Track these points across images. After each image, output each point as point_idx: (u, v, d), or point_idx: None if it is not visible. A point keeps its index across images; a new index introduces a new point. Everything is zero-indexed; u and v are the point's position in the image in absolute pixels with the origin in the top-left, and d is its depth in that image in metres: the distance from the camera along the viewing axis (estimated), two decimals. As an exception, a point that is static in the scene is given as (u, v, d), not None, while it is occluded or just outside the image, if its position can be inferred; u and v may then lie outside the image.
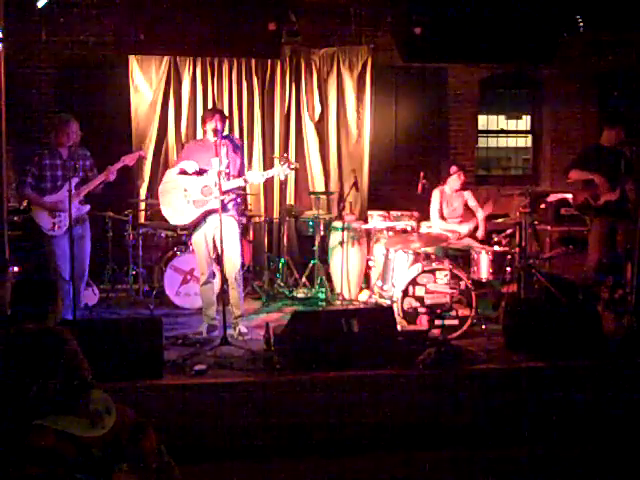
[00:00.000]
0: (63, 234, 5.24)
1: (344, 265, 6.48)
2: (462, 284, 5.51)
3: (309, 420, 4.26)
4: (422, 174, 6.39)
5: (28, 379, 1.74)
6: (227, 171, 5.23)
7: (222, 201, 5.21)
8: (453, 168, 6.59)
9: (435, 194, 6.56)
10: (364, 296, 6.69)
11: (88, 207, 5.46)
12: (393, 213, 6.94)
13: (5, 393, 1.74)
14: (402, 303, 5.45)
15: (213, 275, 5.56)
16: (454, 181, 6.55)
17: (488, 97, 8.84)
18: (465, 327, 5.49)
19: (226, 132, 5.57)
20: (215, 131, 5.22)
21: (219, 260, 5.43)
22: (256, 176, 5.53)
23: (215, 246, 5.39)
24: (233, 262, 5.36)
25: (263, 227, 7.56)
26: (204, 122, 5.41)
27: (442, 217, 6.57)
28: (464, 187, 6.64)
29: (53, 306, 3.19)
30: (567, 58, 7.88)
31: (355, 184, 6.80)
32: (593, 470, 4.01)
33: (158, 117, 7.51)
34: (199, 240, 5.45)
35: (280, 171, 5.41)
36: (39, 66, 7.59)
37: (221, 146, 5.17)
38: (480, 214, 6.58)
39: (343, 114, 7.84)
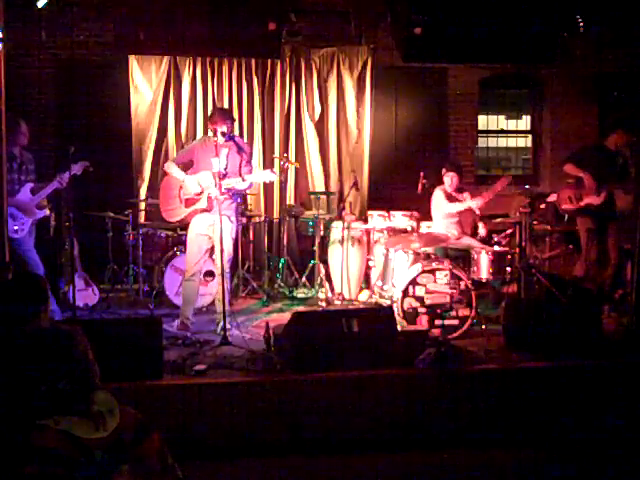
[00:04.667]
0: (25, 236, 5.28)
1: (344, 265, 6.48)
2: (462, 284, 5.51)
3: (309, 420, 4.26)
4: (422, 174, 6.39)
5: (38, 378, 1.74)
6: (224, 172, 5.20)
7: (213, 201, 5.28)
8: (443, 170, 6.60)
9: (438, 191, 6.55)
10: (364, 296, 6.68)
11: (45, 212, 5.47)
12: (393, 213, 6.95)
13: (14, 391, 1.74)
14: (402, 303, 5.45)
15: (199, 275, 5.60)
16: (447, 182, 6.54)
17: (488, 97, 8.84)
18: (465, 327, 5.48)
19: (236, 133, 5.59)
20: (223, 134, 5.28)
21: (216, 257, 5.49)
22: (233, 183, 5.33)
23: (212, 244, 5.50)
24: (224, 260, 5.28)
25: (263, 227, 7.56)
26: (216, 122, 5.36)
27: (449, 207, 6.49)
28: (459, 189, 6.61)
29: (45, 304, 3.19)
30: (567, 58, 7.88)
31: (355, 184, 6.80)
32: (593, 470, 4.01)
33: (158, 117, 7.51)
34: (190, 238, 5.53)
35: (262, 177, 5.44)
36: (39, 66, 7.58)
37: (223, 147, 5.19)
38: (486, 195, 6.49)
39: (343, 114, 7.84)
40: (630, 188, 6.18)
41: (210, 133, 5.51)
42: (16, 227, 5.25)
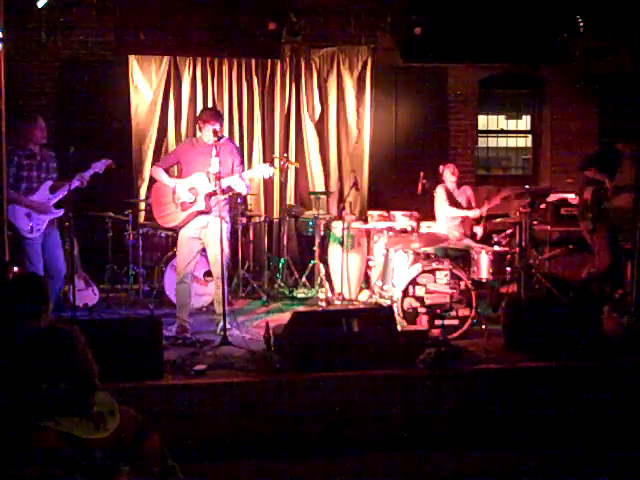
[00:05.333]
0: (38, 237, 5.23)
1: (344, 265, 6.48)
2: (462, 284, 5.51)
3: (309, 420, 4.26)
4: (422, 174, 6.40)
5: (38, 378, 1.74)
6: (216, 173, 5.14)
7: (211, 202, 5.28)
8: (441, 167, 6.63)
9: (439, 189, 6.57)
10: (364, 296, 6.68)
11: (62, 210, 5.43)
12: (393, 213, 6.94)
13: (14, 391, 1.75)
14: (402, 303, 5.45)
15: (190, 277, 5.54)
16: (449, 177, 6.58)
17: (488, 97, 8.83)
18: (465, 327, 5.48)
19: (236, 133, 5.59)
20: (215, 132, 5.23)
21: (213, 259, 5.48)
22: (231, 182, 5.30)
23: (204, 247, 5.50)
24: (217, 261, 5.29)
25: (263, 227, 7.56)
26: (207, 121, 5.31)
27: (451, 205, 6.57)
28: (461, 183, 6.66)
29: (46, 304, 3.19)
30: (567, 58, 7.88)
31: (355, 184, 6.80)
32: (593, 470, 4.01)
33: (158, 117, 7.51)
34: (181, 241, 5.48)
35: (261, 171, 5.43)
36: (39, 66, 7.59)
37: (215, 147, 5.18)
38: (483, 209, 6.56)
39: (343, 114, 7.85)
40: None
41: (198, 134, 5.50)
42: (31, 225, 5.18)
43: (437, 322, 5.44)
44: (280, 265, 7.16)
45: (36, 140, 5.21)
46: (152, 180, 6.10)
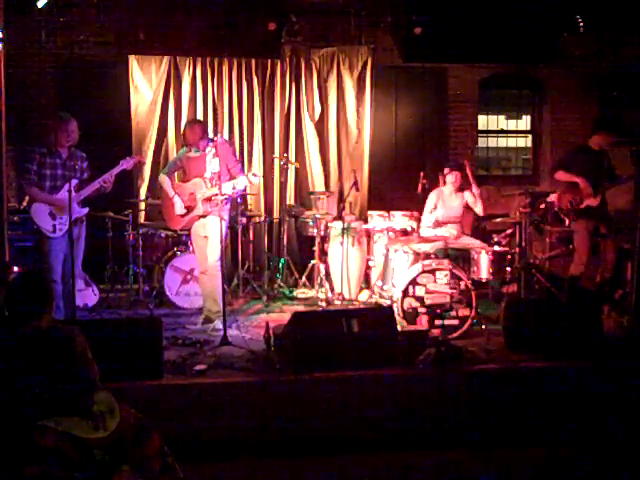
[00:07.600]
0: (60, 237, 5.22)
1: (344, 265, 6.48)
2: (462, 284, 5.51)
3: (309, 420, 4.26)
4: (422, 174, 6.39)
5: (39, 378, 1.75)
6: (213, 176, 5.41)
7: (207, 205, 5.54)
8: (445, 170, 6.62)
9: (431, 196, 6.58)
10: (364, 296, 6.69)
11: (87, 209, 5.44)
12: (393, 213, 6.94)
13: (15, 392, 1.75)
14: (402, 303, 5.45)
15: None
16: (450, 182, 6.57)
17: (488, 97, 8.83)
18: (465, 327, 5.48)
19: (235, 133, 5.71)
20: (202, 139, 5.52)
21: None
22: (226, 188, 5.48)
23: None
24: (209, 257, 5.58)
25: (263, 227, 7.56)
26: (188, 142, 5.64)
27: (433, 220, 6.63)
28: (461, 188, 6.64)
29: (48, 306, 3.19)
30: (567, 58, 7.89)
31: (355, 184, 6.80)
32: (593, 471, 4.01)
33: (158, 117, 7.51)
34: (192, 236, 5.85)
35: (243, 181, 5.53)
36: (39, 66, 7.59)
37: (209, 151, 5.46)
38: (479, 208, 6.55)
39: (343, 114, 7.84)
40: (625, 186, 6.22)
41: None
42: (54, 224, 5.16)
43: (437, 322, 5.44)
44: (280, 265, 7.16)
45: (62, 141, 5.21)
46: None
